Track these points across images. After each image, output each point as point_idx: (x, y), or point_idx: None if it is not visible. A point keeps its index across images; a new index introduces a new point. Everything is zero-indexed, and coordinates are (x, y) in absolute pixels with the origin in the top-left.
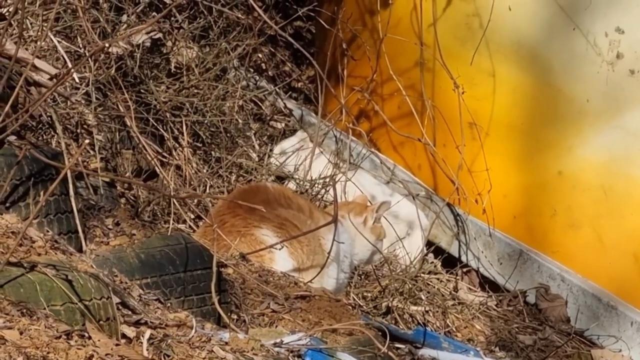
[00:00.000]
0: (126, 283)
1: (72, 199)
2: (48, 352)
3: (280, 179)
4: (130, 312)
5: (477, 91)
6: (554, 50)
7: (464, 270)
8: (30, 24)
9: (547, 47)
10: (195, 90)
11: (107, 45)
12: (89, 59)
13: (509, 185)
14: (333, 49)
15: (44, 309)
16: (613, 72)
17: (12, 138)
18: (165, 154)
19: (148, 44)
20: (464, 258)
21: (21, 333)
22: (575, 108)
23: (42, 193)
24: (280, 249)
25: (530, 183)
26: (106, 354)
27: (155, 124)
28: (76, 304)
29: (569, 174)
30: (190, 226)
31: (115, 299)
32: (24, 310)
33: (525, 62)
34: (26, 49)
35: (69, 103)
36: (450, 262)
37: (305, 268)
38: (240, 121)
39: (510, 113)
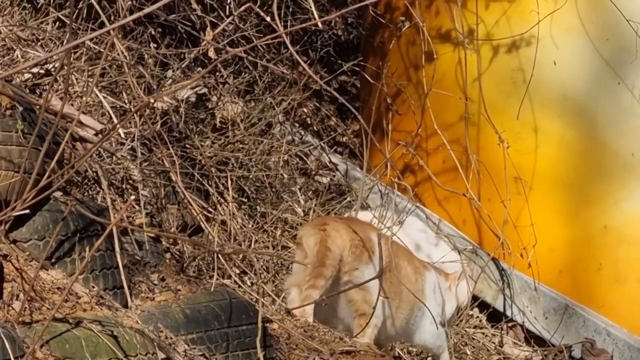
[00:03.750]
0: (171, 339)
1: (118, 255)
2: None
3: None
4: None
5: (522, 145)
6: (599, 105)
7: (509, 324)
8: (76, 79)
9: (592, 101)
10: (240, 145)
11: (152, 100)
12: (135, 114)
13: (554, 240)
14: (378, 104)
15: None
16: None
17: (58, 194)
18: (210, 209)
19: (193, 99)
20: (509, 312)
21: None
22: (620, 162)
23: (87, 249)
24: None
25: (575, 237)
26: None
27: (201, 179)
28: (122, 359)
29: (615, 228)
30: (235, 281)
31: (161, 355)
32: None
33: (570, 116)
34: (72, 105)
35: (114, 158)
36: (496, 317)
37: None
38: (285, 176)
39: (555, 167)
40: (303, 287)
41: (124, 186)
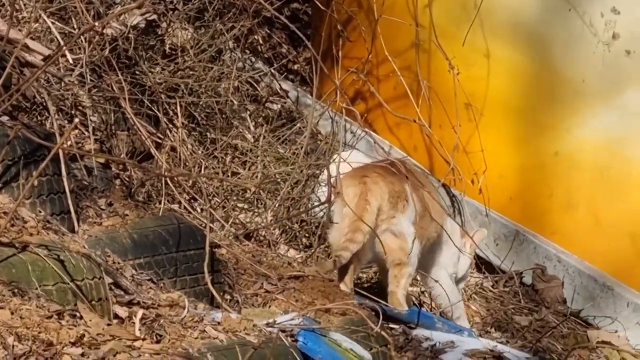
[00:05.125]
0: (119, 263)
1: (65, 179)
2: (39, 332)
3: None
4: (122, 292)
5: (473, 72)
6: (550, 31)
7: None
8: (24, 4)
9: (544, 27)
10: (190, 72)
11: (97, 24)
12: (83, 40)
13: (505, 166)
14: (329, 31)
15: (36, 289)
16: (609, 52)
17: (5, 119)
18: (160, 135)
19: (142, 26)
20: None
21: (12, 313)
22: (571, 89)
23: (34, 173)
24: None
25: (526, 164)
26: (97, 334)
27: (150, 106)
28: (68, 284)
29: (566, 154)
30: (184, 207)
31: (108, 279)
32: (16, 290)
33: (521, 43)
34: (19, 30)
35: (62, 84)
36: None
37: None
38: (235, 102)
39: (506, 93)
40: (342, 240)
41: (73, 112)
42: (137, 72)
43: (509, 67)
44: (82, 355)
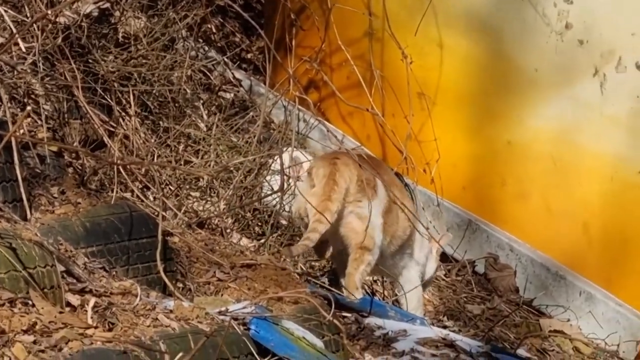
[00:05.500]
0: (71, 251)
1: (17, 167)
2: None
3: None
4: (74, 280)
5: (426, 61)
6: (503, 20)
7: None
8: None
9: (497, 17)
10: (143, 60)
11: (50, 12)
12: (35, 28)
13: (457, 155)
14: (282, 20)
15: None
16: (562, 42)
17: None
18: (112, 123)
19: (96, 14)
20: None
21: None
22: (524, 78)
23: None
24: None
25: (479, 153)
26: (50, 322)
27: (103, 94)
28: (20, 271)
29: (519, 143)
30: (137, 195)
31: (60, 267)
32: None
33: (474, 32)
34: None
35: (15, 72)
36: None
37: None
38: (188, 91)
39: (458, 83)
40: (311, 220)
41: (25, 100)
42: (90, 61)
43: (462, 56)
44: (34, 342)
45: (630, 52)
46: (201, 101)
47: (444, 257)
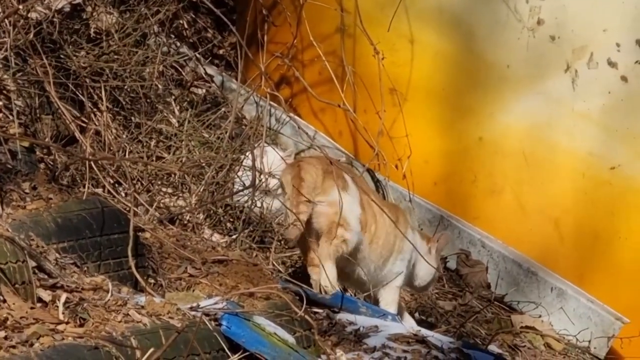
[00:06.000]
0: (42, 247)
1: None
2: None
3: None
4: (46, 276)
5: (398, 57)
6: (475, 16)
7: None
8: None
9: (468, 13)
10: (115, 56)
11: (21, 7)
12: (7, 23)
13: (429, 151)
14: (254, 16)
15: None
16: (534, 38)
17: None
18: (84, 119)
19: (67, 9)
20: None
21: None
22: (496, 74)
23: None
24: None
25: (450, 149)
26: (21, 317)
27: (75, 90)
28: None
29: (490, 140)
30: (108, 191)
31: (31, 263)
32: None
33: (446, 28)
34: None
35: None
36: None
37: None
38: (160, 87)
39: (430, 79)
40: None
41: None
42: (61, 56)
43: (433, 52)
44: (6, 338)
45: (602, 48)
46: (173, 97)
47: None
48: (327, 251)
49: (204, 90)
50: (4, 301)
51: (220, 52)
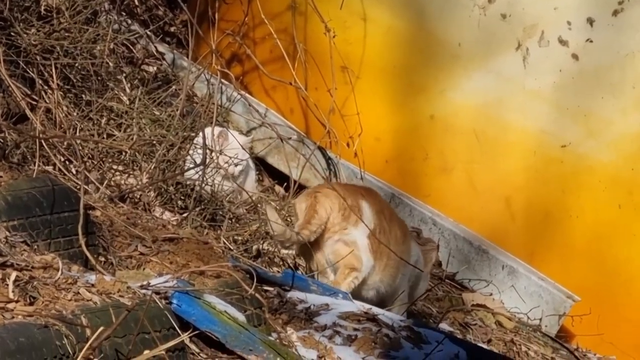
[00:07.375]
0: None
1: None
2: None
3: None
4: None
5: (349, 34)
6: None
7: None
8: None
9: None
10: (66, 34)
11: None
12: None
13: (380, 129)
14: None
15: None
16: (485, 16)
17: None
18: (34, 97)
19: None
20: None
21: None
22: (447, 52)
23: None
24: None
25: (402, 127)
26: None
27: (25, 67)
28: None
29: (441, 117)
30: (59, 169)
31: None
32: None
33: (398, 6)
34: None
35: None
36: None
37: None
38: (111, 64)
39: (382, 56)
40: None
41: None
42: (12, 34)
43: (385, 30)
44: None
45: (553, 27)
46: (124, 74)
47: None
48: (339, 285)
49: (155, 68)
50: None
51: (172, 29)
